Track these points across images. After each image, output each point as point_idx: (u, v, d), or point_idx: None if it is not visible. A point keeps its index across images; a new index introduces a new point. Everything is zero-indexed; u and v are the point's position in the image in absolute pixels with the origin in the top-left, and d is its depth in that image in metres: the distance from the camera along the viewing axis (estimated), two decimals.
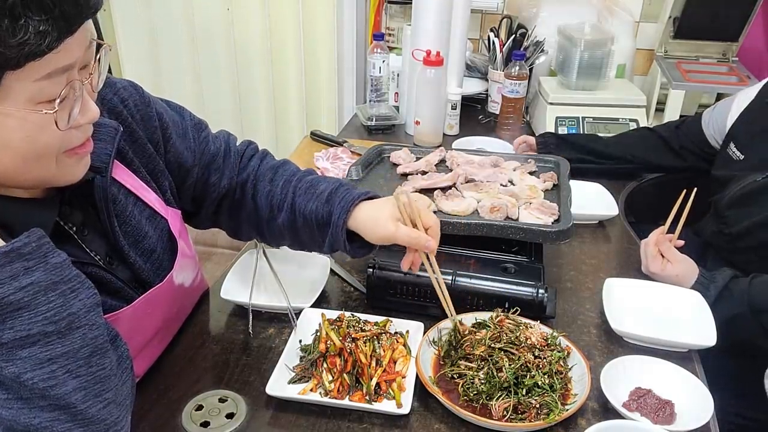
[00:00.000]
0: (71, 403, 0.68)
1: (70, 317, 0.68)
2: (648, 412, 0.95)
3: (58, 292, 0.67)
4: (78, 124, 0.73)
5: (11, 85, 0.64)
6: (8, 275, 0.64)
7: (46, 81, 0.66)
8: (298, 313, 1.10)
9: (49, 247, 0.68)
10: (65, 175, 0.76)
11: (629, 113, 1.87)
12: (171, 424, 0.92)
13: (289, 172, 1.12)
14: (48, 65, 0.65)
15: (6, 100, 0.65)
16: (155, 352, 1.02)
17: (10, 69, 0.63)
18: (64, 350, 0.68)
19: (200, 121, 1.10)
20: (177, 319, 1.09)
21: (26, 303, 0.65)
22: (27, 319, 0.65)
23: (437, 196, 1.24)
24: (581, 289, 1.26)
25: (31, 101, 0.66)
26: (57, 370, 0.67)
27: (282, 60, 2.52)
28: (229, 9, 2.45)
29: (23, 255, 0.65)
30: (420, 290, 1.13)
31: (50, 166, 0.73)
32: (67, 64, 0.67)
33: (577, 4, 2.13)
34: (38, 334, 0.66)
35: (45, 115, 0.68)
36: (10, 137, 0.68)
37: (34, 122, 0.68)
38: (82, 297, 0.70)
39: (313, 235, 1.07)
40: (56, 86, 0.68)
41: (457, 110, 1.96)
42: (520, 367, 0.95)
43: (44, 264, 0.66)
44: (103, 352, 0.72)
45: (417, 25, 1.84)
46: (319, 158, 1.74)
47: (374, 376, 0.97)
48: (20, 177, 0.73)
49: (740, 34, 2.05)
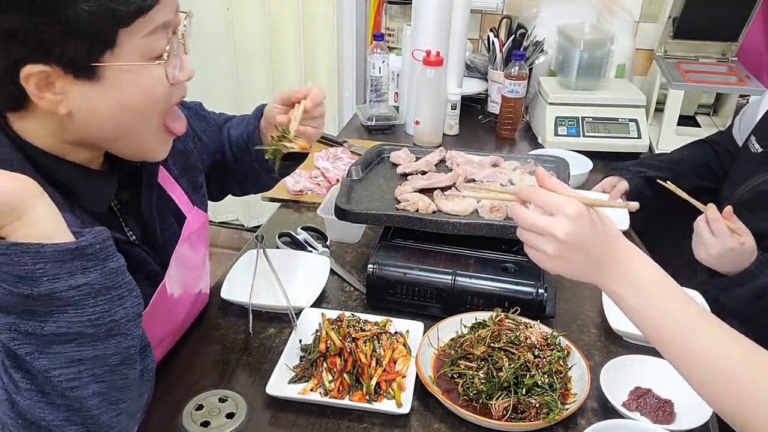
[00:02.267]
0: (86, 407, 0.69)
1: (112, 323, 0.69)
2: (648, 411, 0.95)
3: (108, 297, 0.68)
4: (178, 81, 0.80)
5: (125, 41, 0.71)
6: (67, 271, 0.64)
7: (151, 37, 0.73)
8: (298, 313, 1.10)
9: (111, 251, 0.69)
10: (157, 147, 0.84)
11: (629, 113, 1.87)
12: (171, 424, 0.92)
13: (234, 120, 1.22)
14: (152, 21, 0.72)
15: (123, 57, 0.72)
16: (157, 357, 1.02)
17: (123, 26, 0.70)
18: (96, 354, 0.68)
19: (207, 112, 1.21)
20: (177, 333, 1.08)
21: (75, 301, 0.65)
22: (71, 317, 0.66)
23: (437, 196, 1.24)
24: (581, 289, 1.26)
25: (143, 57, 0.74)
26: (84, 371, 0.68)
27: (282, 60, 2.52)
28: (229, 9, 2.45)
29: (86, 255, 0.66)
30: (420, 290, 1.13)
31: (153, 128, 0.80)
32: (166, 20, 0.75)
33: (577, 4, 2.13)
34: (77, 333, 0.66)
35: (157, 66, 0.75)
36: (130, 94, 0.75)
37: (148, 75, 0.75)
38: (127, 305, 0.70)
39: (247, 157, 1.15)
40: (161, 41, 0.75)
41: (457, 110, 1.96)
42: (520, 366, 0.95)
43: (102, 267, 0.67)
44: (131, 363, 0.72)
45: (417, 25, 1.84)
46: (319, 158, 1.74)
47: (374, 376, 0.97)
48: (123, 140, 0.80)
49: (740, 34, 2.05)
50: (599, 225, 0.76)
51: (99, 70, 0.71)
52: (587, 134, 1.85)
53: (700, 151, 1.63)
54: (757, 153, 1.41)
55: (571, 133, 1.86)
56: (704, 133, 1.97)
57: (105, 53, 0.71)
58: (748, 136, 1.47)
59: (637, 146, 1.85)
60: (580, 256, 0.76)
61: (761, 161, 1.38)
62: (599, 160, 1.75)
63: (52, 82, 0.71)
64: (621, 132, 1.86)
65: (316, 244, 1.36)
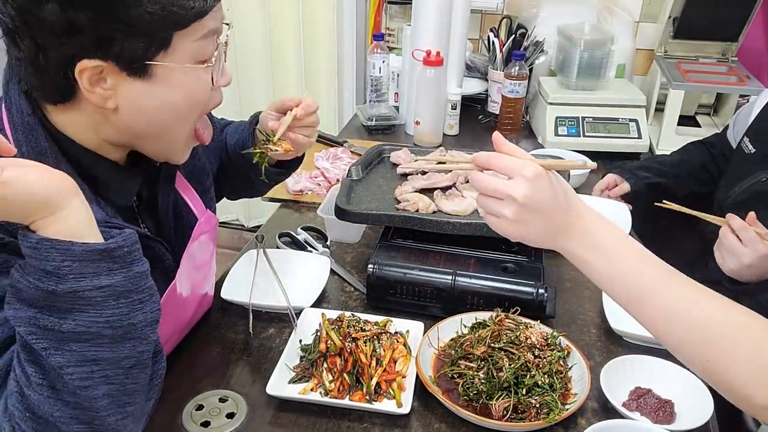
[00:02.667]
0: (95, 407, 0.69)
1: (129, 327, 0.69)
2: (648, 411, 0.95)
3: (129, 300, 0.68)
4: (219, 86, 0.83)
5: (178, 43, 0.74)
6: (92, 271, 0.65)
7: (202, 41, 0.77)
8: (298, 313, 1.10)
9: (137, 255, 0.70)
10: (182, 151, 0.87)
11: (629, 113, 1.87)
12: (171, 424, 0.92)
13: (232, 126, 1.22)
14: (205, 27, 0.76)
15: (175, 58, 0.75)
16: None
17: (179, 29, 0.73)
18: (110, 355, 0.69)
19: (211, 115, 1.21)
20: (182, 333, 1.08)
21: (97, 302, 0.66)
22: (91, 316, 0.66)
23: (437, 196, 1.24)
24: (581, 289, 1.26)
25: (193, 59, 0.77)
26: (96, 371, 0.68)
27: (282, 60, 2.52)
28: (228, 9, 2.45)
29: (113, 257, 0.67)
30: (420, 290, 1.13)
31: (188, 129, 0.84)
32: (216, 27, 0.78)
33: (577, 4, 2.13)
34: (94, 333, 0.67)
35: (205, 70, 0.79)
36: (176, 94, 0.78)
37: (195, 78, 0.78)
38: (146, 310, 0.71)
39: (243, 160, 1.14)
40: (209, 46, 0.79)
41: (457, 110, 1.96)
42: (520, 366, 0.95)
43: (127, 270, 0.68)
44: (143, 368, 0.73)
45: (417, 25, 1.84)
46: (319, 158, 1.74)
47: (374, 376, 0.97)
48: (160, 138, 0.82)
49: (740, 34, 2.05)
50: (558, 187, 0.74)
51: (151, 68, 0.74)
52: (587, 134, 1.85)
53: (698, 154, 1.64)
54: (750, 154, 1.41)
55: (572, 133, 1.86)
56: (704, 133, 1.97)
57: (159, 53, 0.74)
58: (742, 137, 1.47)
59: (638, 146, 1.85)
60: (539, 219, 0.74)
61: (755, 162, 1.38)
62: (599, 160, 1.73)
63: (105, 77, 0.73)
64: (621, 132, 1.86)
65: (316, 244, 1.36)
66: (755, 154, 1.40)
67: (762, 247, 1.17)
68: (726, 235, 1.21)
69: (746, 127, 1.49)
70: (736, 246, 1.19)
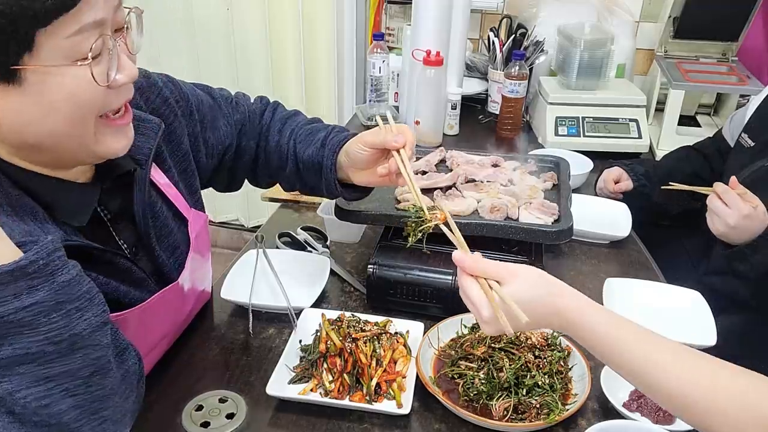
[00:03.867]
0: (64, 421, 0.67)
1: (73, 338, 0.66)
2: (648, 412, 0.94)
3: (63, 312, 0.65)
4: (117, 84, 0.73)
5: (44, 42, 0.65)
6: (11, 293, 0.61)
7: (78, 36, 0.67)
8: (298, 313, 1.10)
9: (59, 264, 0.65)
10: (104, 145, 0.77)
11: (629, 113, 1.87)
12: (171, 424, 0.92)
13: (296, 122, 1.16)
14: (77, 20, 0.66)
15: (42, 58, 0.66)
16: (158, 354, 1.02)
17: (40, 26, 0.64)
18: (63, 369, 0.66)
19: (228, 94, 1.17)
20: (183, 326, 1.08)
21: (27, 322, 0.63)
22: (27, 338, 0.63)
23: (437, 196, 1.24)
24: (581, 289, 1.24)
25: (68, 58, 0.67)
26: (54, 388, 0.66)
27: (282, 60, 2.51)
28: (229, 9, 2.45)
29: (28, 274, 0.62)
30: (420, 290, 1.12)
31: (90, 131, 0.74)
32: (97, 19, 0.68)
33: (577, 4, 2.13)
34: (38, 353, 0.64)
35: (81, 68, 0.68)
36: (54, 97, 0.68)
37: (73, 77, 0.68)
38: (88, 316, 0.68)
39: (316, 180, 1.11)
40: (88, 41, 0.68)
41: (457, 110, 1.96)
42: (520, 367, 0.95)
43: (50, 283, 0.64)
44: (104, 372, 0.71)
45: (417, 25, 1.84)
46: None
47: (374, 376, 0.97)
48: (64, 145, 0.73)
49: (740, 34, 2.05)
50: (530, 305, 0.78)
51: (19, 72, 0.66)
52: (587, 134, 1.85)
53: (688, 163, 1.63)
54: (750, 147, 1.44)
55: (572, 133, 1.85)
56: (705, 133, 1.97)
57: (23, 55, 0.65)
58: (740, 134, 1.49)
59: (638, 146, 1.85)
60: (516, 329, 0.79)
61: (754, 153, 1.41)
62: (599, 160, 1.75)
63: None
64: (621, 132, 1.85)
65: (316, 244, 1.35)
66: (754, 147, 1.43)
67: (744, 207, 1.23)
68: (712, 200, 1.27)
69: (743, 125, 1.51)
70: (722, 208, 1.25)
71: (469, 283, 0.80)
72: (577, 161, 1.68)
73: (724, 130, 1.61)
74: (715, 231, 1.29)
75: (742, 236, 1.25)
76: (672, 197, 1.56)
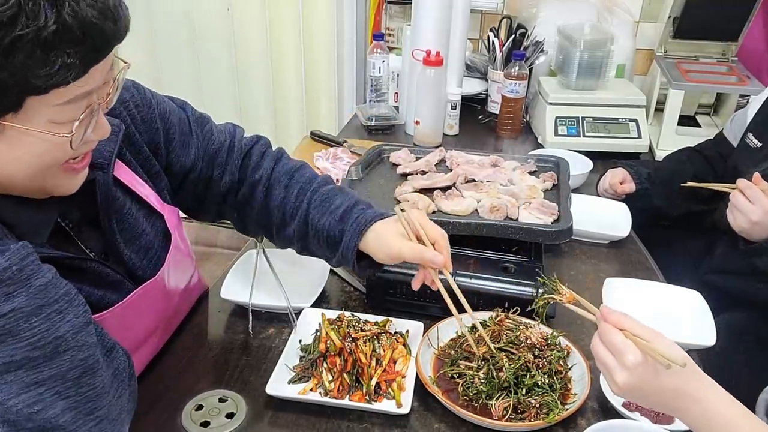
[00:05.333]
0: (59, 425, 0.67)
1: (57, 341, 0.66)
2: (647, 411, 0.94)
3: (43, 316, 0.65)
4: (89, 140, 0.73)
5: (33, 107, 0.65)
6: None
7: (66, 106, 0.67)
8: (298, 313, 1.10)
9: (33, 268, 0.65)
10: (57, 186, 0.76)
11: (629, 113, 1.87)
12: (171, 424, 0.92)
13: (305, 179, 1.08)
14: (71, 92, 0.66)
15: (26, 121, 0.65)
16: (151, 351, 1.01)
17: (34, 95, 0.64)
18: (52, 373, 0.66)
19: (202, 115, 1.08)
20: (173, 320, 1.08)
21: (8, 330, 0.63)
22: (10, 345, 0.63)
23: (437, 196, 1.24)
24: (581, 289, 1.26)
25: (51, 122, 0.67)
26: (44, 392, 0.66)
27: (282, 60, 2.51)
28: (229, 9, 2.45)
29: (3, 281, 0.62)
30: (420, 290, 1.12)
31: (49, 178, 0.73)
32: (89, 89, 0.68)
33: (577, 4, 2.13)
34: (23, 359, 0.64)
35: (62, 138, 0.68)
36: (24, 152, 0.68)
37: (51, 142, 0.68)
38: (70, 318, 0.68)
39: (322, 249, 1.05)
40: (76, 110, 0.68)
41: (457, 110, 1.96)
42: (519, 366, 0.95)
43: (26, 288, 0.64)
44: (93, 372, 0.70)
45: (417, 25, 1.84)
46: (319, 158, 1.74)
47: (374, 376, 0.97)
48: (21, 185, 0.73)
49: (740, 34, 2.04)
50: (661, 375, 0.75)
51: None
52: (587, 134, 1.85)
53: (689, 165, 1.62)
54: (756, 147, 1.43)
55: (571, 133, 1.85)
56: (704, 133, 1.97)
57: (8, 113, 0.64)
58: (744, 133, 1.48)
59: (638, 146, 1.85)
60: (643, 398, 0.78)
61: (761, 154, 1.40)
62: (599, 160, 1.75)
63: None
64: (621, 132, 1.86)
65: None
66: (762, 149, 1.42)
67: (767, 202, 1.22)
68: (736, 196, 1.27)
69: (746, 124, 1.50)
70: (744, 204, 1.24)
71: (610, 329, 0.77)
72: (577, 161, 1.68)
73: (725, 131, 1.60)
74: (736, 227, 1.28)
75: (763, 233, 1.25)
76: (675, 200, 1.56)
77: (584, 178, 1.68)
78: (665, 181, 1.58)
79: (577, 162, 1.67)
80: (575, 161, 1.63)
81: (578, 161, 1.68)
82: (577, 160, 1.67)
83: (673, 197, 1.56)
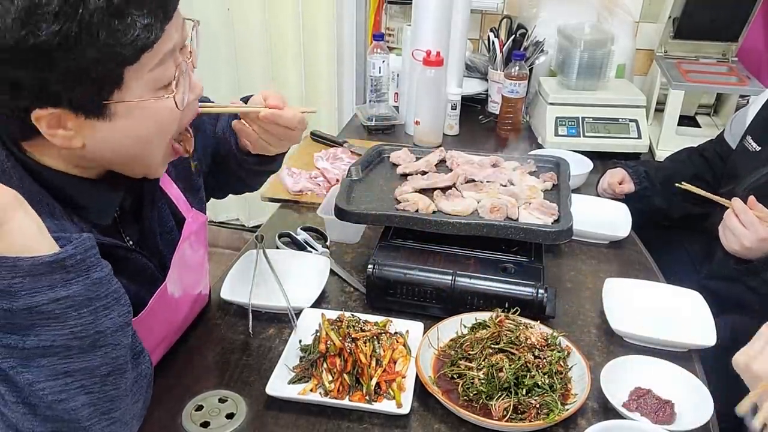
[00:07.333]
0: (76, 418, 0.68)
1: (97, 335, 0.68)
2: (648, 412, 0.95)
3: (91, 308, 0.67)
4: (189, 102, 0.80)
5: (132, 78, 0.70)
6: (47, 284, 0.63)
7: (159, 68, 0.72)
8: (298, 313, 1.10)
9: (94, 261, 0.67)
10: (159, 168, 0.85)
11: (629, 113, 1.87)
12: (171, 424, 0.92)
13: None
14: (158, 53, 0.71)
15: (132, 93, 0.71)
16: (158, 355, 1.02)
17: (129, 65, 0.69)
18: (83, 366, 0.67)
19: None
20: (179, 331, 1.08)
21: (57, 315, 0.64)
22: (54, 330, 0.64)
23: (437, 197, 1.24)
24: (581, 289, 1.26)
25: (152, 88, 0.73)
26: (71, 383, 0.67)
27: (282, 60, 2.52)
28: (229, 9, 2.45)
29: (66, 267, 0.64)
30: (420, 290, 1.13)
31: (161, 153, 0.81)
32: (173, 45, 0.73)
33: (577, 4, 2.13)
34: (61, 346, 0.65)
35: (167, 99, 0.74)
36: (141, 126, 0.74)
37: (158, 108, 0.74)
38: (113, 315, 0.69)
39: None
40: (168, 70, 0.74)
41: (457, 110, 1.96)
42: (520, 367, 0.95)
43: (84, 278, 0.66)
44: (121, 373, 0.72)
45: (417, 26, 1.84)
46: (319, 158, 1.74)
47: (374, 376, 0.97)
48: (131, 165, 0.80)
49: (740, 35, 2.04)
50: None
51: (109, 107, 0.71)
52: (587, 134, 1.85)
53: (689, 165, 1.62)
54: (755, 152, 1.42)
55: (571, 134, 1.85)
56: (704, 133, 1.97)
57: (114, 92, 0.70)
58: (743, 136, 1.48)
59: (638, 146, 1.85)
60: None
61: (760, 158, 1.39)
62: (599, 160, 1.75)
63: (64, 121, 0.70)
64: (621, 132, 1.85)
65: (316, 245, 1.35)
66: (760, 153, 1.41)
67: (762, 230, 1.21)
68: (730, 217, 1.26)
69: (745, 127, 1.50)
70: (738, 228, 1.24)
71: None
72: (577, 161, 1.68)
73: (725, 132, 1.60)
74: (728, 248, 1.27)
75: (756, 255, 1.24)
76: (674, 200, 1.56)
77: (584, 178, 1.68)
78: (665, 181, 1.58)
79: (577, 162, 1.67)
80: (575, 161, 1.63)
81: (578, 161, 1.68)
82: (577, 161, 1.67)
83: (673, 197, 1.56)
